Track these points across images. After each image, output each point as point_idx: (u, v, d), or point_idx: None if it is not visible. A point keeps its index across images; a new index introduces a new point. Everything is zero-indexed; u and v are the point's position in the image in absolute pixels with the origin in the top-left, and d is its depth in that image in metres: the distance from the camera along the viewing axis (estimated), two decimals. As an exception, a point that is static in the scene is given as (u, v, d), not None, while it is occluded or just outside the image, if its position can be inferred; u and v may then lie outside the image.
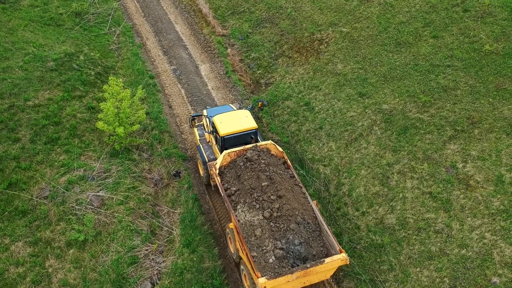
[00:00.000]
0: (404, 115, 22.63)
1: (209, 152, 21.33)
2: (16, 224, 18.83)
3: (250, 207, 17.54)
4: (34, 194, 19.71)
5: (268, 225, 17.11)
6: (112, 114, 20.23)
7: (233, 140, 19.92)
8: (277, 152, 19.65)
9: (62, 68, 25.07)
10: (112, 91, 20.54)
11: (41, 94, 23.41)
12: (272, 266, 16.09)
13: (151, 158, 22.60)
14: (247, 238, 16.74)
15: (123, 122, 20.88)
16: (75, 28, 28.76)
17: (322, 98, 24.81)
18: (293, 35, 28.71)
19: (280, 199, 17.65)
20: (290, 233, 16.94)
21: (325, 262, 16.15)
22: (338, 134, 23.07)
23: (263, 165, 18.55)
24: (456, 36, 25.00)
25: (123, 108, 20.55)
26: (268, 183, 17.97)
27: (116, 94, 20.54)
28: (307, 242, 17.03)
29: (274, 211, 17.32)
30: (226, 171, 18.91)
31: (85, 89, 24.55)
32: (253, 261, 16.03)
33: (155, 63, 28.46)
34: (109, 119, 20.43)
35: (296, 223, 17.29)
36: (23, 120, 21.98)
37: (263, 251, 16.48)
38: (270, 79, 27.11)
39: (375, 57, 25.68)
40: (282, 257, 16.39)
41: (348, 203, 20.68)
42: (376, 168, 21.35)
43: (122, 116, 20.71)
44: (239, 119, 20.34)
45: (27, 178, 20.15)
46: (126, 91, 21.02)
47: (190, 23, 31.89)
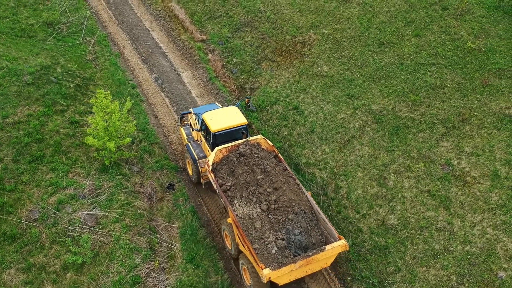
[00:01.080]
0: (395, 114, 22.76)
1: (198, 150, 21.22)
2: (5, 250, 17.70)
3: (247, 201, 17.72)
4: (22, 217, 18.61)
5: (266, 217, 17.34)
6: (101, 129, 19.36)
7: (224, 137, 20.02)
8: (267, 146, 19.94)
9: (40, 81, 23.89)
10: (101, 104, 19.68)
11: (20, 110, 22.20)
12: (275, 256, 16.32)
13: (142, 171, 21.82)
14: (247, 231, 16.91)
15: (113, 136, 20.04)
16: (48, 39, 27.51)
17: (310, 101, 24.66)
18: (274, 38, 28.47)
19: (276, 191, 17.88)
20: (289, 224, 17.21)
21: (326, 249, 16.53)
22: (331, 136, 22.96)
23: (257, 159, 18.78)
24: (437, 34, 25.38)
25: (112, 121, 19.71)
26: (263, 176, 18.20)
27: (105, 107, 19.68)
28: (306, 231, 17.34)
29: (271, 203, 17.58)
30: (219, 168, 19.00)
31: (66, 102, 23.47)
32: (256, 253, 16.22)
33: (135, 72, 27.58)
34: (99, 134, 19.55)
35: (294, 213, 17.55)
36: (3, 138, 20.76)
37: (264, 243, 16.66)
38: (255, 83, 26.76)
39: (360, 57, 25.76)
40: (284, 247, 16.61)
41: (348, 206, 20.59)
42: (372, 169, 21.35)
43: (112, 130, 19.87)
44: (229, 115, 20.42)
45: (13, 200, 19.01)
46: (115, 103, 20.19)
47: (167, 30, 31.12)
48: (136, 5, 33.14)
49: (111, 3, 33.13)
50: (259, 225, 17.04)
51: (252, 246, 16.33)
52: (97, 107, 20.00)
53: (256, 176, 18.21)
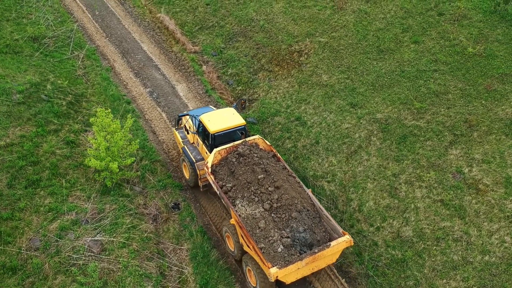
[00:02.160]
0: (401, 123, 22.43)
1: (195, 152, 21.03)
2: (6, 284, 16.53)
3: (249, 201, 17.70)
4: (22, 246, 17.46)
5: (270, 216, 17.33)
6: (103, 149, 18.39)
7: (223, 138, 19.90)
8: (265, 146, 19.94)
9: (30, 100, 22.71)
10: (102, 124, 18.70)
11: (11, 132, 21.01)
12: (281, 255, 16.26)
13: (144, 191, 20.88)
14: (252, 231, 16.83)
15: (115, 157, 19.08)
16: (35, 55, 26.29)
17: (312, 111, 24.15)
18: (270, 47, 27.91)
19: (278, 189, 17.92)
20: (293, 222, 17.22)
21: (331, 245, 16.54)
22: (336, 147, 22.47)
23: (256, 159, 18.80)
24: (436, 40, 25.25)
25: (114, 141, 18.76)
26: (264, 175, 18.20)
27: (106, 127, 18.71)
28: (310, 228, 17.36)
29: (273, 202, 17.59)
30: (218, 169, 18.94)
31: (59, 121, 22.35)
32: (262, 252, 16.13)
33: (129, 87, 26.59)
34: (101, 155, 18.56)
35: (297, 211, 17.56)
36: (-5, 163, 19.56)
37: (270, 242, 16.59)
38: (253, 95, 26.12)
39: (359, 66, 25.41)
40: (289, 245, 16.58)
41: (361, 219, 20.08)
42: (382, 180, 20.93)
43: (114, 150, 18.91)
44: (226, 116, 20.39)
45: (11, 229, 17.84)
46: (116, 121, 19.25)
47: (158, 41, 30.22)
48: (123, 16, 32.12)
49: (97, 15, 32.04)
50: (263, 224, 16.97)
51: (257, 246, 16.24)
52: (98, 126, 19.02)
53: (257, 176, 18.17)
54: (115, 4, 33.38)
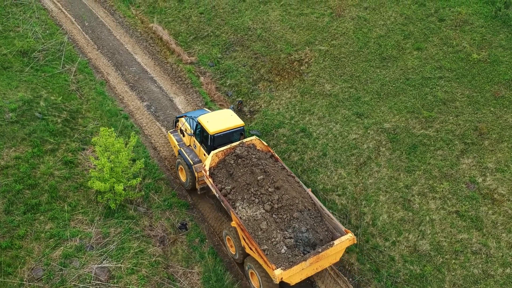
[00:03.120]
0: (409, 132, 21.97)
1: (192, 155, 20.77)
2: (8, 319, 15.49)
3: (250, 203, 17.46)
4: (24, 277, 16.39)
5: (271, 217, 17.08)
6: (108, 170, 17.43)
7: (222, 139, 19.73)
8: (262, 147, 19.79)
9: (24, 118, 21.58)
10: (106, 143, 17.75)
11: (6, 153, 19.87)
12: (285, 256, 16.01)
13: (149, 212, 19.94)
14: (254, 233, 16.59)
15: (119, 177, 18.14)
16: (25, 70, 25.11)
17: (317, 122, 23.54)
18: (269, 57, 27.24)
19: (278, 190, 17.74)
20: (295, 222, 17.03)
21: (335, 244, 16.41)
22: (345, 159, 21.88)
23: (255, 160, 18.62)
24: (439, 47, 24.92)
25: (119, 161, 17.81)
26: (263, 176, 18.03)
27: (110, 146, 17.75)
28: (312, 228, 17.20)
29: (274, 203, 17.39)
30: (216, 172, 18.73)
31: (55, 140, 21.28)
32: (265, 254, 15.88)
33: (125, 101, 25.59)
34: (105, 176, 17.59)
35: (299, 211, 17.38)
36: (-10, 187, 18.42)
37: (273, 243, 16.34)
38: (254, 106, 25.39)
39: (362, 74, 24.91)
40: (293, 246, 16.35)
41: (375, 234, 19.50)
42: (394, 192, 20.41)
43: (118, 171, 17.96)
44: (225, 117, 20.26)
45: (11, 258, 16.74)
46: (119, 140, 18.31)
47: (152, 52, 29.26)
48: (114, 27, 31.08)
49: (87, 27, 30.93)
50: (265, 225, 16.73)
51: (260, 248, 15.97)
52: (100, 146, 18.05)
53: (256, 177, 17.99)
54: (105, 15, 32.31)
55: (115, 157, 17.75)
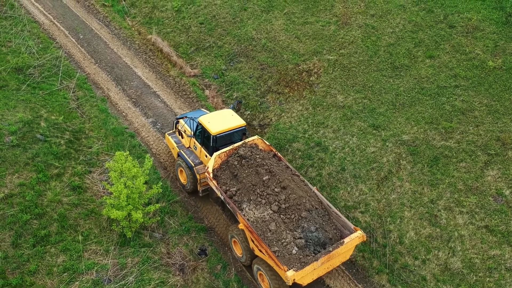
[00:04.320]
0: (429, 144, 21.34)
1: (193, 156, 20.42)
2: None
3: (257, 204, 17.27)
4: (39, 317, 15.15)
5: (279, 218, 16.88)
6: (124, 197, 16.27)
7: (224, 139, 19.41)
8: (264, 146, 19.57)
9: (25, 141, 20.25)
10: (122, 168, 16.59)
11: (9, 180, 18.53)
12: (296, 256, 15.84)
13: (165, 237, 18.82)
14: (263, 234, 16.34)
15: (136, 203, 17.00)
16: (22, 88, 23.71)
17: (332, 135, 22.73)
18: (276, 68, 26.36)
19: (285, 190, 17.56)
20: (304, 221, 16.87)
21: (345, 242, 16.28)
22: (365, 174, 21.11)
23: (259, 160, 18.39)
24: (451, 54, 24.41)
25: (136, 187, 16.68)
26: (269, 176, 17.87)
27: (126, 172, 16.60)
28: (321, 227, 17.06)
29: (281, 203, 17.22)
30: (220, 173, 18.49)
31: (60, 163, 20.01)
32: (276, 256, 15.64)
33: (129, 118, 24.38)
34: (122, 204, 16.43)
35: (307, 210, 17.22)
36: (-5, 219, 17.08)
37: (283, 244, 16.15)
38: (264, 119, 24.46)
39: (375, 84, 24.22)
40: (303, 246, 16.19)
41: (404, 252, 18.74)
42: (419, 208, 19.71)
43: (135, 197, 16.82)
44: (226, 117, 19.94)
45: (23, 297, 15.48)
46: (135, 163, 17.18)
47: (152, 65, 28.09)
48: (110, 39, 29.80)
49: (82, 40, 29.59)
50: (273, 226, 16.53)
51: (271, 250, 15.74)
52: (115, 171, 16.88)
53: (262, 177, 17.81)
54: (99, 26, 30.99)
55: (131, 183, 16.60)
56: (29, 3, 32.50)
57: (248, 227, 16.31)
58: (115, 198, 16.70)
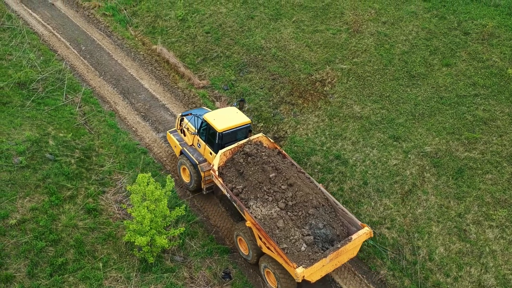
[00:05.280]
0: (452, 155, 20.80)
1: (197, 154, 20.36)
2: None
3: (264, 201, 17.29)
4: None
5: (286, 215, 16.91)
6: (148, 222, 15.41)
7: (230, 136, 19.37)
8: (269, 144, 19.61)
9: (34, 162, 19.27)
10: (145, 191, 15.73)
11: (20, 204, 17.56)
12: (305, 253, 15.87)
13: (187, 261, 17.97)
14: (271, 232, 16.33)
15: (159, 227, 16.15)
16: (26, 104, 22.68)
17: (352, 147, 22.09)
18: (288, 78, 25.66)
19: (291, 187, 17.61)
20: (311, 218, 16.91)
21: (353, 239, 16.36)
22: (388, 188, 20.49)
23: (265, 157, 18.46)
24: (468, 62, 23.95)
25: (160, 210, 15.83)
26: (275, 173, 17.91)
27: (149, 195, 15.74)
28: (329, 224, 17.10)
29: (288, 200, 17.27)
30: (225, 171, 18.50)
31: (73, 185, 19.07)
32: (285, 253, 15.63)
33: (139, 133, 23.48)
34: (145, 229, 15.56)
35: (314, 207, 17.27)
36: (8, 248, 16.12)
37: (291, 241, 16.17)
38: (279, 132, 23.73)
39: (392, 93, 23.65)
40: (312, 243, 16.22)
41: (434, 269, 18.14)
42: (447, 222, 19.14)
43: (158, 221, 15.97)
44: (231, 115, 19.91)
45: (43, 332, 14.54)
46: (158, 185, 16.33)
47: (159, 77, 27.21)
48: (113, 50, 28.85)
49: (84, 51, 28.59)
50: (281, 224, 16.55)
51: (279, 247, 15.72)
52: (136, 193, 16.01)
53: (268, 175, 17.85)
54: (101, 37, 30.01)
55: (155, 207, 15.72)
56: (26, 14, 31.41)
57: (256, 224, 16.26)
58: (138, 223, 15.80)
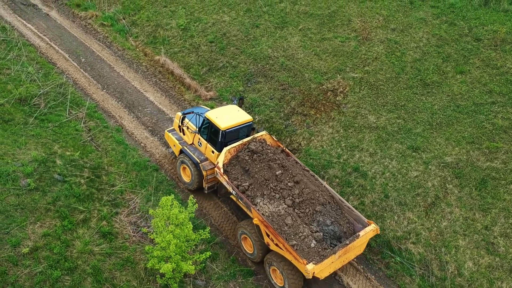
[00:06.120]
0: (474, 166, 20.35)
1: (198, 153, 20.19)
2: None
3: (271, 198, 17.35)
4: None
5: (293, 212, 17.00)
6: (173, 248, 14.55)
7: (233, 134, 19.30)
8: (272, 142, 19.72)
9: (43, 183, 18.24)
10: (169, 215, 14.87)
11: (31, 230, 16.53)
12: (315, 250, 15.97)
13: (209, 285, 17.13)
14: (279, 229, 16.35)
15: (183, 252, 15.29)
16: (29, 122, 21.61)
17: (370, 159, 21.51)
18: (298, 87, 25.01)
19: (298, 184, 17.74)
20: (319, 215, 17.06)
21: (360, 236, 16.53)
22: (410, 200, 19.94)
23: (271, 154, 18.56)
24: (482, 69, 23.60)
25: (184, 234, 14.98)
26: (281, 171, 18.05)
27: (173, 219, 14.88)
28: (336, 220, 17.24)
29: (295, 197, 17.40)
30: (230, 169, 18.48)
31: (85, 207, 18.09)
32: (295, 249, 15.68)
33: (148, 149, 22.57)
34: (170, 254, 14.69)
35: (321, 204, 17.42)
36: (22, 279, 15.10)
37: (300, 238, 16.24)
38: (292, 144, 23.04)
39: (407, 102, 23.16)
40: (321, 240, 16.30)
41: (464, 285, 17.61)
42: (474, 235, 18.64)
43: (182, 245, 15.12)
44: (233, 113, 19.81)
45: None
46: (181, 208, 15.47)
47: (164, 89, 26.32)
48: (114, 62, 27.87)
49: (84, 63, 27.55)
50: (290, 220, 16.63)
51: (289, 243, 15.73)
52: (158, 216, 15.13)
53: (275, 172, 17.96)
54: (100, 48, 29.00)
55: (180, 231, 14.87)
56: (20, 25, 30.25)
57: (264, 221, 16.24)
58: (162, 249, 14.91)
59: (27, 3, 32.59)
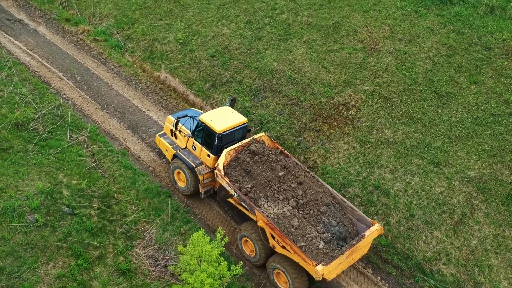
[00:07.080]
0: (498, 180, 19.84)
1: (192, 157, 19.78)
2: None
3: (275, 200, 17.17)
4: None
5: (298, 213, 16.80)
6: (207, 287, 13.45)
7: (229, 137, 19.05)
8: (270, 143, 19.64)
9: (52, 218, 16.90)
10: (202, 252, 13.75)
11: (44, 272, 15.20)
12: (323, 251, 15.88)
13: (239, 320, 16.06)
14: (286, 230, 16.15)
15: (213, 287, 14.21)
16: (29, 149, 20.14)
17: (390, 176, 20.78)
18: (308, 102, 24.16)
19: (301, 185, 17.66)
20: (324, 216, 16.97)
21: (366, 236, 16.50)
22: (437, 219, 19.29)
23: (273, 156, 18.38)
24: (496, 79, 23.21)
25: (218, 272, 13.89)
26: (284, 172, 17.92)
27: (206, 256, 13.77)
28: (341, 221, 17.17)
29: (299, 199, 17.28)
30: (230, 171, 18.21)
31: (99, 242, 16.81)
32: (303, 251, 15.52)
33: (157, 173, 21.36)
34: (204, 294, 13.59)
35: (325, 205, 17.33)
36: (40, 328, 13.74)
37: (308, 239, 16.10)
38: (307, 162, 22.14)
39: (423, 115, 22.55)
40: (329, 240, 16.19)
41: (502, 307, 16.97)
42: (506, 253, 18.09)
43: (215, 283, 14.01)
44: (227, 115, 19.55)
45: None
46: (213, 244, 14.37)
47: (167, 107, 25.11)
48: (111, 79, 26.51)
49: (80, 82, 26.12)
50: (296, 222, 16.46)
51: (296, 245, 15.58)
52: (190, 254, 14.00)
53: (277, 173, 17.80)
54: (95, 65, 27.58)
55: (213, 269, 13.75)
56: (8, 42, 28.58)
57: (269, 223, 16.04)
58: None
59: (13, 19, 30.90)
